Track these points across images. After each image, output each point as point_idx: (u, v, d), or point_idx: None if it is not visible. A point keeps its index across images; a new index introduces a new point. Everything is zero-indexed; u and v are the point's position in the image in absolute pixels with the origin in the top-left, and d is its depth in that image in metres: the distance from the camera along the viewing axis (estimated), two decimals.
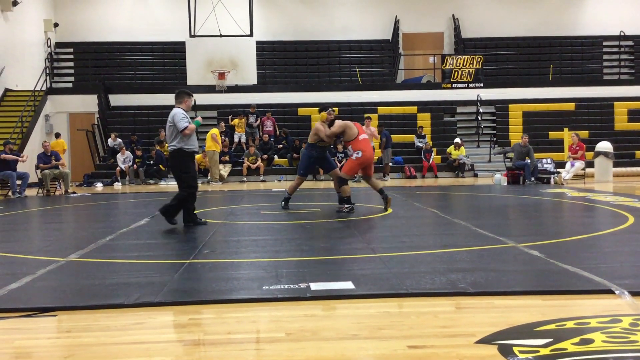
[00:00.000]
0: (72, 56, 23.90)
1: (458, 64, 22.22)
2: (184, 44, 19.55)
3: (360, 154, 9.12)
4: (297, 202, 10.57)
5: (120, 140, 19.89)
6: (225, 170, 19.22)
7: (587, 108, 22.40)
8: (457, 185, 16.31)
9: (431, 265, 5.04)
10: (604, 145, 16.85)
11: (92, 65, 23.29)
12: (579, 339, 3.16)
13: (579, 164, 16.43)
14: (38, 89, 20.92)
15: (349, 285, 4.34)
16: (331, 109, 9.58)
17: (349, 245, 6.42)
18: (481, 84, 22.32)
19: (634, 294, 4.01)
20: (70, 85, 23.15)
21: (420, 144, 20.64)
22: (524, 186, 15.18)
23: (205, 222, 8.06)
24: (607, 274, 4.51)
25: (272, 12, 24.53)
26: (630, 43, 24.81)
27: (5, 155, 14.45)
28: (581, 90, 22.77)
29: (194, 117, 8.06)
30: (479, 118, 21.79)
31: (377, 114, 21.80)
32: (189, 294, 4.24)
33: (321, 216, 8.96)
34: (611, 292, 4.08)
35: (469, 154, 20.28)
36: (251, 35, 19.56)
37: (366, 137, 9.31)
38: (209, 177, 18.55)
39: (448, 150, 20.08)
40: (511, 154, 16.75)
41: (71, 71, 23.82)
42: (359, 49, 24.62)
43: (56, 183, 15.55)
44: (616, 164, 17.83)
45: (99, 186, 18.08)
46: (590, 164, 17.11)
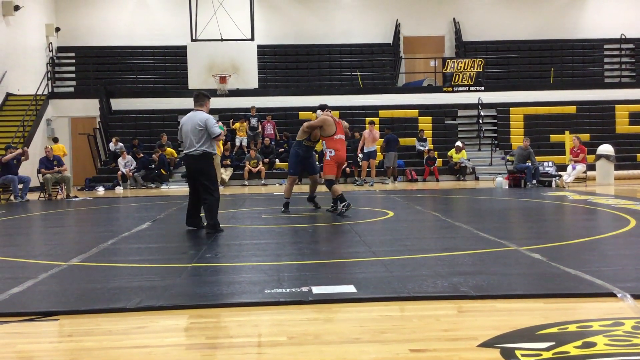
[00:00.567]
0: (73, 60, 23.96)
1: (459, 68, 22.24)
2: (185, 48, 19.59)
3: (333, 152, 9.30)
4: (298, 206, 10.57)
5: (121, 144, 19.91)
6: (226, 174, 19.23)
7: (588, 111, 22.40)
8: (459, 188, 16.30)
9: (433, 269, 5.03)
10: (606, 148, 16.84)
11: (94, 69, 23.32)
12: (582, 342, 3.16)
13: (581, 167, 16.41)
14: (40, 93, 20.95)
15: (350, 289, 4.34)
16: (328, 110, 9.66)
17: (350, 248, 6.42)
18: (482, 87, 22.33)
19: (636, 297, 4.01)
20: (71, 89, 23.17)
21: (421, 148, 20.63)
22: (525, 189, 15.18)
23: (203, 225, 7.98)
24: (609, 277, 4.51)
25: (273, 15, 24.57)
26: (631, 46, 24.81)
27: (6, 157, 14.42)
28: (582, 93, 22.77)
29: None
30: (480, 121, 21.79)
31: (378, 118, 21.78)
32: (191, 298, 4.24)
33: (323, 219, 8.96)
34: (613, 295, 4.08)
35: (470, 157, 20.27)
36: (252, 39, 19.59)
37: (342, 138, 9.45)
38: None
39: (449, 153, 20.08)
40: (512, 157, 16.76)
41: (73, 75, 23.86)
42: (360, 52, 24.65)
43: (58, 187, 15.56)
44: (618, 167, 17.81)
45: (101, 190, 18.09)
46: (591, 167, 17.10)
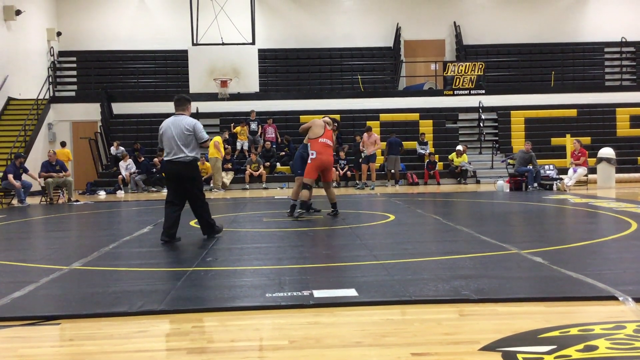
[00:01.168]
0: (75, 65, 24.02)
1: (460, 71, 22.26)
2: (186, 52, 19.62)
3: (314, 155, 9.17)
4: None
5: (122, 148, 19.93)
6: (227, 177, 19.25)
7: (589, 114, 22.40)
8: (460, 191, 16.30)
9: (434, 272, 5.03)
10: (607, 152, 16.84)
11: (95, 73, 23.37)
12: (583, 346, 3.15)
13: (582, 170, 16.40)
14: (41, 97, 20.98)
15: (352, 293, 4.33)
16: (334, 124, 9.73)
17: (351, 252, 6.41)
18: (483, 91, 22.35)
19: (637, 300, 4.00)
20: (73, 93, 23.23)
21: (422, 151, 20.64)
22: (526, 192, 15.17)
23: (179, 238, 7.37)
24: (610, 281, 4.50)
25: (274, 20, 24.62)
26: (632, 49, 24.83)
27: (13, 181, 14.38)
28: (583, 96, 22.77)
29: None
30: (481, 125, 21.79)
31: (379, 121, 21.82)
32: (192, 302, 4.24)
33: (324, 223, 8.96)
34: (615, 298, 4.07)
35: (471, 161, 20.27)
36: (253, 43, 19.63)
37: (327, 142, 9.29)
38: (212, 185, 18.57)
39: (450, 157, 20.08)
40: (513, 161, 16.76)
41: (74, 80, 23.92)
42: (360, 56, 24.69)
43: (59, 191, 15.57)
44: (619, 170, 17.81)
45: (102, 194, 18.10)
46: (592, 170, 17.09)
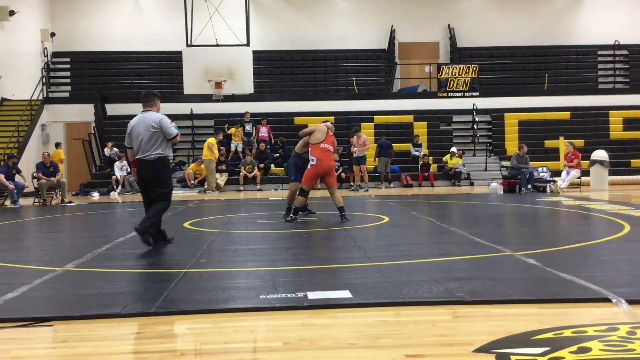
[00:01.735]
0: (68, 65, 23.95)
1: (454, 73, 22.32)
2: (180, 53, 19.62)
3: (314, 161, 8.98)
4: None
5: (116, 149, 19.88)
6: (222, 179, 19.22)
7: (582, 117, 22.51)
8: (454, 193, 16.34)
9: (428, 274, 5.04)
10: (600, 154, 16.91)
11: (89, 74, 23.31)
12: (577, 348, 3.16)
13: (575, 173, 16.48)
14: (35, 98, 20.92)
15: (346, 294, 4.33)
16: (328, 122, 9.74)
17: (346, 254, 6.42)
18: (477, 93, 22.42)
19: (631, 302, 4.02)
20: (66, 94, 23.16)
21: (416, 153, 20.68)
22: (520, 194, 15.22)
23: (173, 238, 7.32)
24: (604, 283, 4.52)
25: (268, 21, 24.62)
26: (625, 52, 24.97)
27: (5, 182, 14.30)
28: (576, 99, 22.88)
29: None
30: (475, 127, 21.86)
31: (373, 123, 21.86)
32: (185, 304, 4.23)
33: (318, 225, 8.95)
34: (608, 300, 4.09)
35: (464, 163, 20.32)
36: (248, 44, 19.64)
37: (328, 148, 9.11)
38: (206, 186, 18.54)
39: (444, 159, 20.13)
40: (508, 163, 16.81)
41: (68, 80, 23.85)
42: (355, 58, 24.72)
43: (52, 192, 15.51)
44: (612, 173, 17.89)
45: (96, 195, 18.05)
46: (586, 173, 17.16)
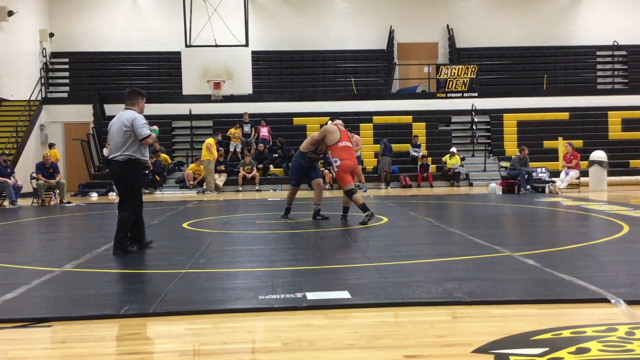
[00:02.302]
0: (67, 66, 23.93)
1: (453, 74, 22.32)
2: (179, 53, 19.62)
3: (338, 161, 8.81)
4: (292, 212, 10.54)
5: None
6: (220, 179, 19.21)
7: (581, 117, 22.52)
8: (453, 194, 16.34)
9: (427, 275, 5.04)
10: (598, 155, 16.92)
11: (88, 75, 23.30)
12: (575, 348, 3.16)
13: (574, 173, 16.49)
14: (33, 98, 20.91)
15: (345, 295, 4.33)
16: (335, 119, 9.57)
17: (344, 254, 6.41)
18: (476, 94, 22.42)
19: (629, 302, 4.02)
20: (65, 95, 23.14)
21: (415, 154, 20.69)
22: (519, 195, 15.22)
23: (151, 241, 7.12)
24: (602, 283, 4.52)
25: (267, 22, 24.62)
26: (624, 53, 24.99)
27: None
28: (575, 99, 22.89)
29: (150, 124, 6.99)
30: (474, 127, 21.86)
31: (372, 124, 21.87)
32: (184, 304, 4.22)
33: (317, 225, 8.94)
34: (607, 301, 4.09)
35: (463, 163, 20.33)
36: (246, 45, 19.64)
37: (347, 145, 8.98)
38: (204, 187, 18.54)
39: (443, 159, 20.14)
40: (506, 163, 16.82)
41: (66, 81, 23.83)
42: (354, 58, 24.73)
43: (51, 193, 15.50)
44: (610, 173, 17.90)
45: (94, 196, 18.04)
46: (584, 173, 17.17)
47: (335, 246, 7.07)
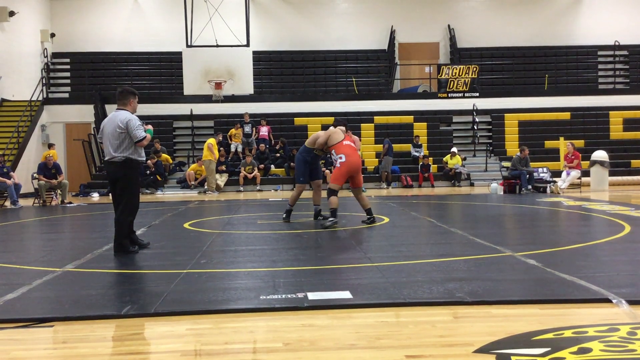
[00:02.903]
0: (68, 66, 23.93)
1: (454, 74, 22.31)
2: (180, 54, 19.62)
3: (343, 158, 8.64)
4: (293, 212, 10.53)
5: None
6: (222, 179, 19.21)
7: (582, 117, 22.50)
8: (454, 194, 16.33)
9: (428, 275, 5.03)
10: (600, 154, 16.90)
11: (89, 75, 23.30)
12: (577, 348, 3.16)
13: (575, 173, 16.48)
14: (34, 99, 20.92)
15: (346, 295, 4.33)
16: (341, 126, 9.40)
17: (346, 254, 6.41)
18: (477, 94, 22.41)
19: (631, 302, 4.01)
20: (66, 95, 23.15)
21: (416, 154, 20.68)
22: (520, 195, 15.21)
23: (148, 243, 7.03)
24: (604, 283, 4.51)
25: (268, 22, 24.62)
26: (625, 52, 24.96)
27: None
28: (576, 99, 22.87)
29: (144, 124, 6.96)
30: (475, 127, 21.85)
31: (373, 124, 21.86)
32: (186, 304, 4.22)
33: (318, 226, 8.94)
34: (609, 301, 4.08)
35: (465, 163, 20.33)
36: (248, 45, 19.64)
37: (351, 144, 8.92)
38: (206, 187, 18.54)
39: (445, 159, 20.14)
40: (507, 163, 16.81)
41: (67, 81, 23.83)
42: (355, 58, 24.72)
43: (52, 193, 15.50)
44: (612, 173, 17.88)
45: (95, 196, 18.04)
46: (586, 173, 17.16)
47: (336, 246, 7.07)
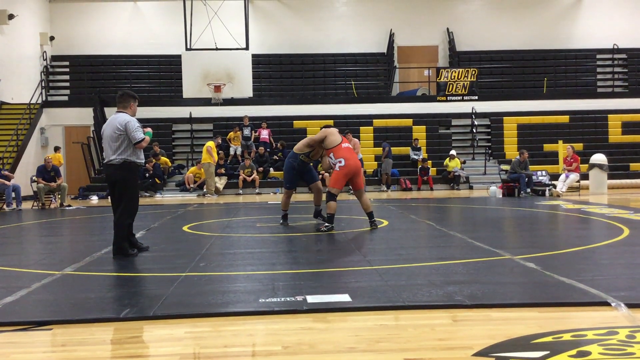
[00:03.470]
0: (67, 69, 23.93)
1: (453, 77, 22.34)
2: (180, 57, 19.64)
3: (343, 162, 8.55)
4: (292, 215, 10.53)
5: None
6: (221, 182, 19.20)
7: (581, 120, 22.52)
8: (453, 197, 16.33)
9: (428, 278, 5.04)
10: (599, 158, 16.91)
11: (88, 78, 23.30)
12: (576, 352, 3.16)
13: (574, 176, 16.49)
14: (34, 102, 20.91)
15: (345, 298, 4.33)
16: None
17: (345, 257, 6.41)
18: (476, 97, 22.42)
19: (630, 306, 4.02)
20: (66, 98, 23.13)
21: (415, 157, 20.70)
22: (519, 198, 15.22)
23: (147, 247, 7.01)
24: (603, 286, 4.52)
25: (267, 25, 24.64)
26: (624, 56, 24.99)
27: None
28: (575, 103, 22.89)
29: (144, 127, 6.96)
30: (474, 130, 21.87)
31: (372, 127, 21.87)
32: (185, 307, 4.22)
33: (317, 228, 8.93)
34: (607, 304, 4.09)
35: (464, 166, 20.33)
36: (247, 48, 19.67)
37: (349, 146, 8.85)
38: (205, 190, 18.53)
39: (445, 162, 20.14)
40: (506, 167, 16.82)
41: (67, 84, 23.82)
42: (354, 62, 24.74)
43: (51, 196, 15.49)
44: (611, 176, 17.89)
45: (94, 199, 18.02)
46: (585, 176, 17.17)
47: (335, 249, 7.07)
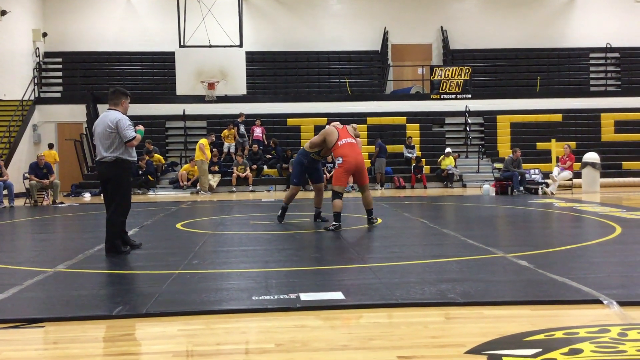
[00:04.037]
0: (60, 66, 23.82)
1: (447, 75, 22.37)
2: (173, 54, 19.58)
3: (341, 160, 8.44)
4: (288, 212, 10.51)
5: None
6: (214, 180, 19.18)
7: (574, 119, 22.62)
8: (446, 195, 16.37)
9: (421, 276, 5.04)
10: (591, 156, 16.99)
11: (81, 75, 23.20)
12: (568, 349, 3.17)
13: (566, 173, 16.57)
14: (26, 98, 20.81)
15: (339, 296, 4.33)
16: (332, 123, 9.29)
17: (339, 255, 6.42)
18: (469, 95, 22.48)
19: (622, 303, 4.03)
20: (58, 95, 23.03)
21: (409, 155, 20.72)
22: (512, 196, 15.26)
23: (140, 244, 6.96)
24: (595, 284, 4.54)
25: (261, 22, 24.60)
26: (617, 55, 25.10)
27: None
28: (568, 101, 22.99)
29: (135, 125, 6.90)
30: (468, 129, 21.91)
31: (366, 125, 21.88)
32: (177, 305, 4.21)
33: (311, 226, 8.94)
34: (599, 302, 4.10)
35: (457, 164, 20.37)
36: (241, 45, 19.62)
37: (349, 142, 8.52)
38: (198, 188, 18.50)
39: (439, 160, 20.18)
40: (500, 165, 16.88)
41: (60, 81, 23.72)
42: (348, 59, 24.74)
43: (43, 193, 15.43)
44: (603, 175, 17.96)
45: (87, 196, 17.96)
46: (577, 175, 17.24)
47: (329, 247, 7.07)
